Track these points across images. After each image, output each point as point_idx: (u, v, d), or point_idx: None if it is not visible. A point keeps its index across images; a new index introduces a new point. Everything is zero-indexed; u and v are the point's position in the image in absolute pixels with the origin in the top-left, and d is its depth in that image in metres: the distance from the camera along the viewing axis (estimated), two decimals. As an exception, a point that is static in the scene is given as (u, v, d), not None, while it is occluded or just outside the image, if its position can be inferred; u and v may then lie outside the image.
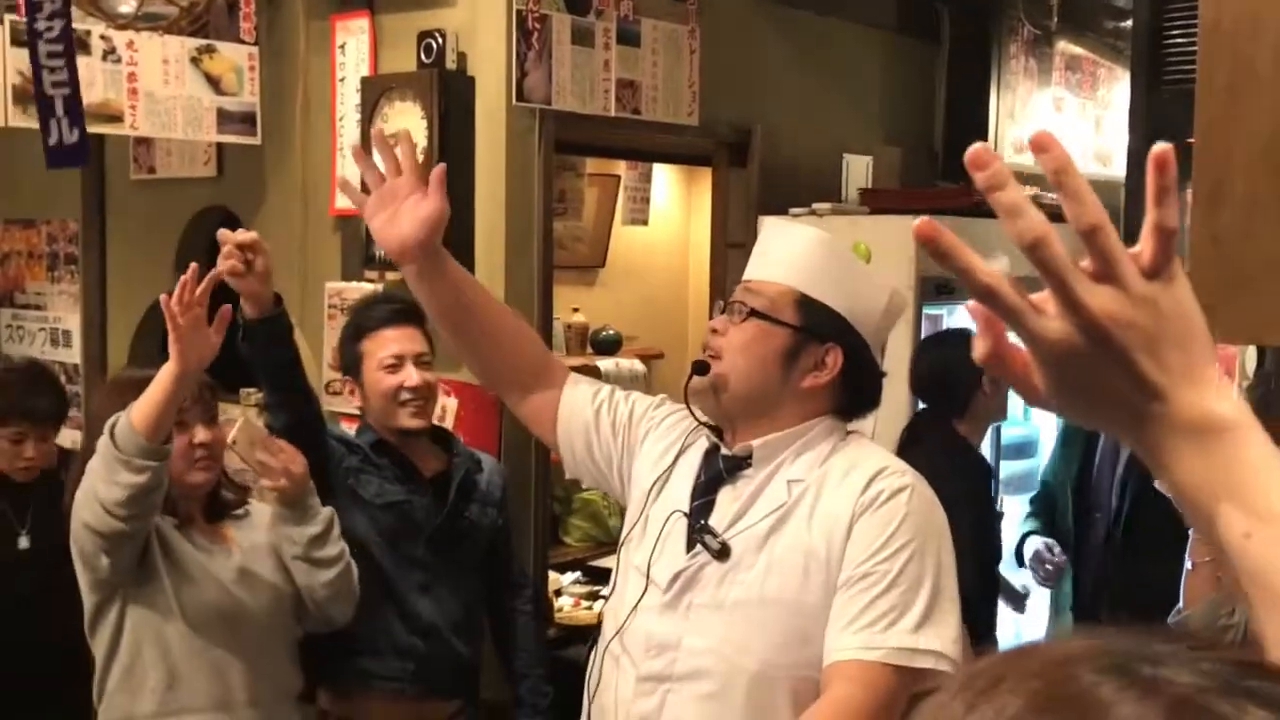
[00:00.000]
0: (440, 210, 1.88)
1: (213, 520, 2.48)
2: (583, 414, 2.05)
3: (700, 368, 1.89)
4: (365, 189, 1.98)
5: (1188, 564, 2.46)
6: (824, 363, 1.86)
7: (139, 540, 2.29)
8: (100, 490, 2.20)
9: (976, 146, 0.73)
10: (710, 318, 1.98)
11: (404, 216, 1.87)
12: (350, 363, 2.82)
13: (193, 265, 2.25)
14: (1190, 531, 2.58)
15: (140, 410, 2.19)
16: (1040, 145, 0.73)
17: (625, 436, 2.04)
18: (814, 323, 1.85)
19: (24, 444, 3.00)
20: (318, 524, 2.45)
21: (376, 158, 1.92)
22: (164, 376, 2.20)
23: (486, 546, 2.90)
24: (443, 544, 2.79)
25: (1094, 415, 0.77)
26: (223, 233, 2.36)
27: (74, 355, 4.63)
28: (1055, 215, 0.78)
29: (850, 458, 1.85)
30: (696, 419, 1.94)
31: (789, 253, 1.91)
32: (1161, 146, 0.74)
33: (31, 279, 4.84)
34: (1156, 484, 0.78)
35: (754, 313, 1.87)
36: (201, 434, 2.38)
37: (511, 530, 3.06)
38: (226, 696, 2.38)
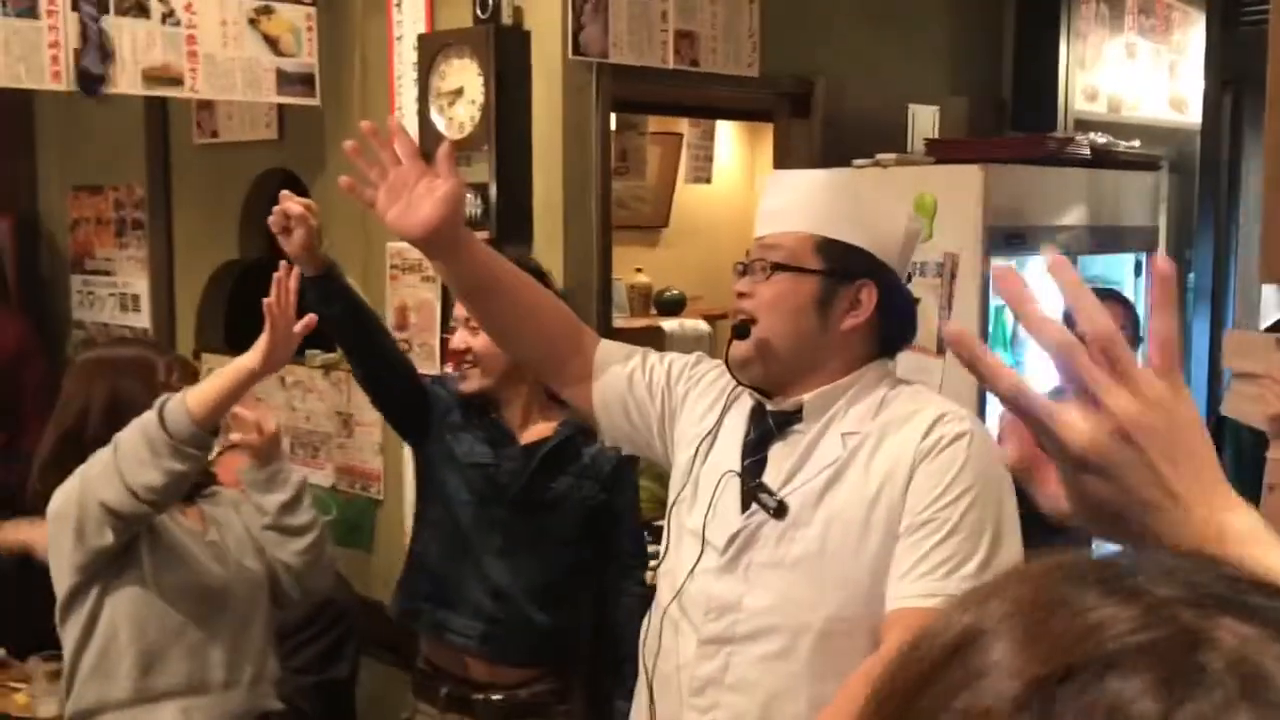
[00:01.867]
0: (458, 188, 1.84)
1: (187, 499, 2.42)
2: (617, 380, 2.01)
3: (741, 330, 1.85)
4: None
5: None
6: (859, 300, 1.82)
7: (150, 521, 2.26)
8: (131, 472, 2.13)
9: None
10: (735, 282, 1.92)
11: (420, 201, 1.83)
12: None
13: (284, 265, 2.25)
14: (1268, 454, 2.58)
15: (201, 398, 2.15)
16: (1052, 270, 0.79)
17: (665, 399, 2.01)
18: (840, 263, 1.82)
19: None
20: (287, 490, 2.41)
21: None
22: (238, 371, 2.17)
23: (583, 520, 2.81)
24: (526, 510, 2.76)
25: (1116, 526, 0.78)
26: (284, 193, 2.41)
27: (143, 320, 4.69)
28: (1128, 163, 0.77)
29: (907, 405, 1.81)
30: (743, 384, 1.90)
31: (798, 199, 1.87)
32: (1165, 262, 0.80)
33: (100, 245, 4.90)
34: None
35: (777, 266, 1.83)
36: None
37: (625, 508, 2.94)
38: (204, 678, 2.33)
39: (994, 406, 3.41)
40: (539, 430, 2.82)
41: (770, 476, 1.83)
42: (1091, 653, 0.47)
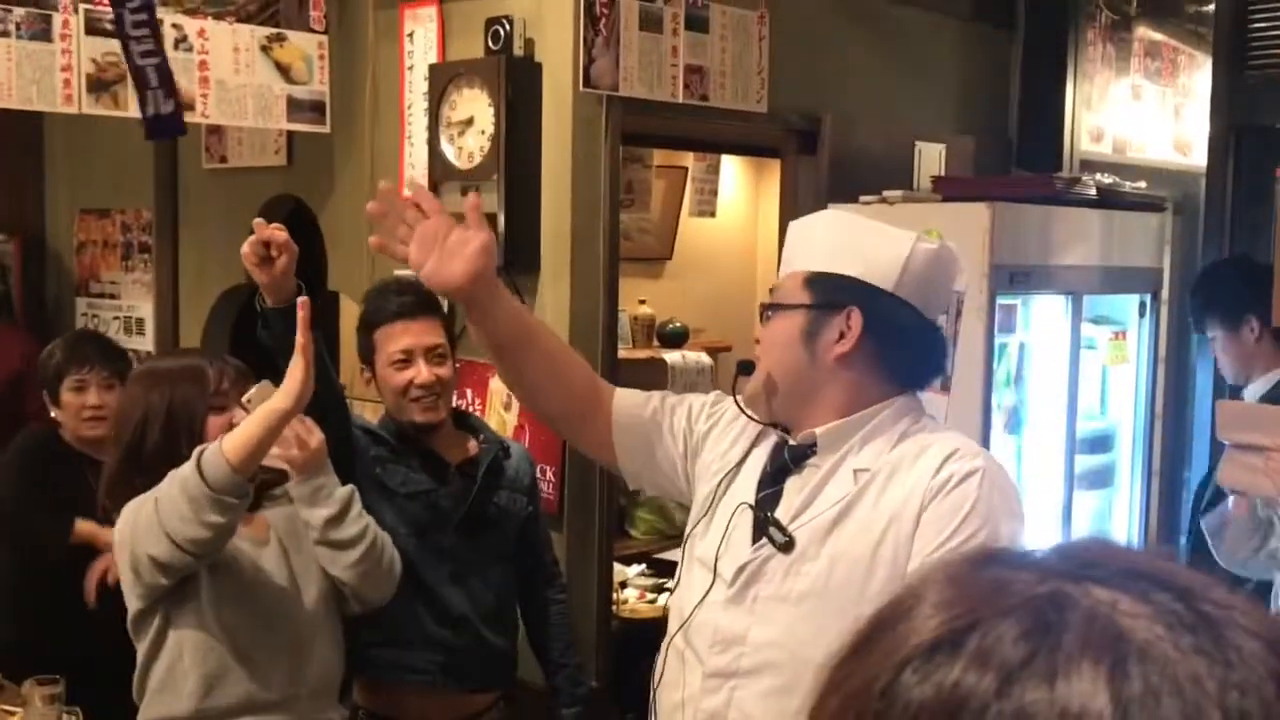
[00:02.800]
0: (490, 240, 1.86)
1: (251, 508, 2.40)
2: (639, 426, 2.03)
3: (745, 367, 1.91)
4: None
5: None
6: (848, 326, 1.82)
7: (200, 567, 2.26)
8: (176, 527, 2.13)
9: None
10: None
11: (452, 254, 1.84)
12: (364, 353, 2.80)
13: (303, 301, 2.23)
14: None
15: (236, 445, 2.13)
16: None
17: (686, 438, 2.02)
18: (825, 294, 1.83)
19: (86, 391, 3.23)
20: (332, 504, 2.38)
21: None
22: (270, 414, 2.15)
23: (516, 534, 2.87)
24: (472, 532, 2.76)
25: None
26: (258, 222, 2.38)
27: (147, 343, 4.69)
28: (1134, 204, 0.77)
29: (922, 441, 1.81)
30: (757, 421, 1.92)
31: (801, 243, 1.92)
32: None
33: (106, 268, 4.91)
34: None
35: (775, 307, 1.89)
36: (240, 417, 2.36)
37: (543, 518, 3.02)
38: (265, 696, 2.34)
39: (999, 447, 3.40)
40: (462, 450, 2.83)
41: (783, 510, 1.83)
42: (991, 606, 0.58)
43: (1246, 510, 2.61)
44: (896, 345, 1.84)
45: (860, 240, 1.86)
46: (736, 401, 1.92)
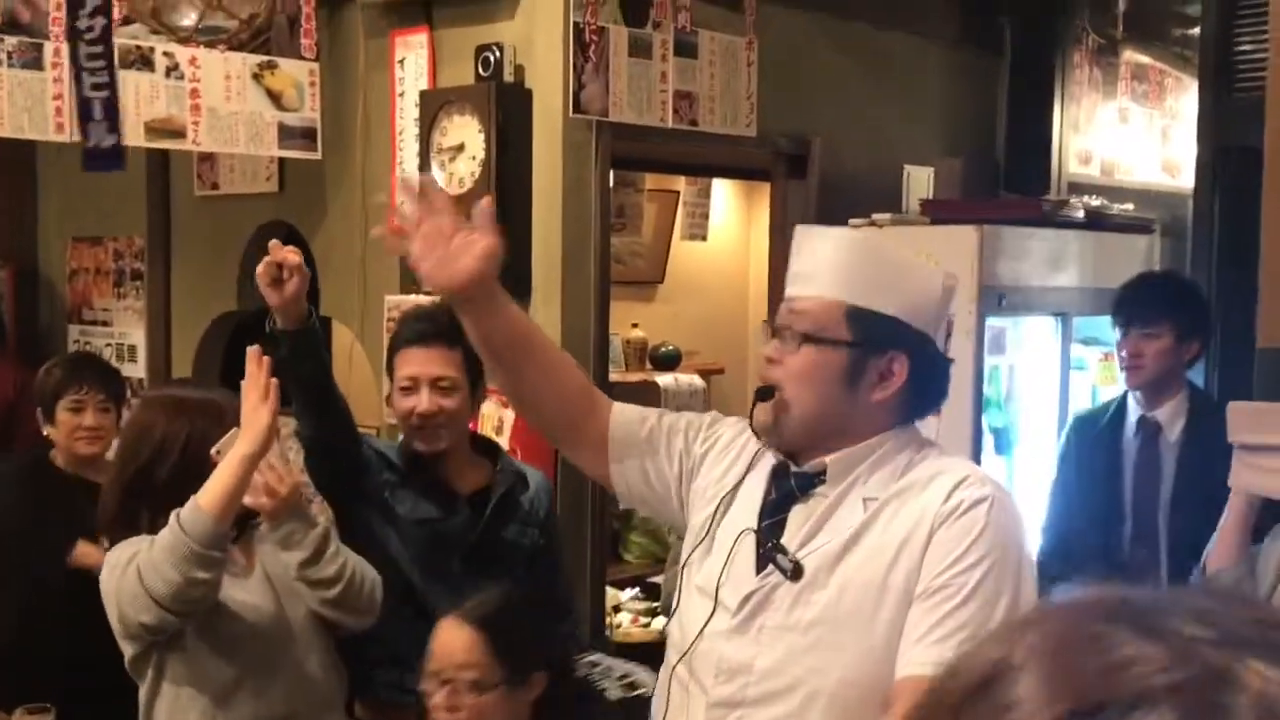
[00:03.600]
0: (496, 243, 1.83)
1: (238, 539, 2.40)
2: (634, 444, 1.99)
3: (764, 393, 1.81)
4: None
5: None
6: (890, 371, 1.77)
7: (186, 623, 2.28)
8: (162, 591, 2.15)
9: None
10: (764, 341, 1.89)
11: (457, 255, 1.81)
12: (390, 375, 2.81)
13: (255, 350, 2.24)
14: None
15: (212, 497, 2.16)
16: None
17: (682, 460, 1.98)
18: (870, 334, 1.76)
19: (83, 412, 3.22)
20: (305, 549, 2.37)
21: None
22: (237, 461, 2.17)
23: (526, 566, 2.83)
24: (477, 564, 2.74)
25: None
26: (274, 243, 2.39)
27: (139, 370, 4.69)
28: (1121, 226, 0.76)
29: (931, 468, 1.78)
30: (766, 448, 1.87)
31: (829, 260, 1.81)
32: None
33: (98, 295, 4.91)
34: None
35: (806, 337, 1.78)
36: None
37: (560, 551, 2.99)
38: (269, 713, 2.36)
39: (990, 468, 3.41)
40: (474, 480, 2.80)
41: (788, 538, 1.79)
42: (1118, 690, 0.47)
43: (1230, 557, 2.57)
44: (929, 387, 1.83)
45: (899, 276, 1.81)
46: (753, 428, 1.85)
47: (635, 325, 5.30)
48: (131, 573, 2.19)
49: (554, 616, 2.94)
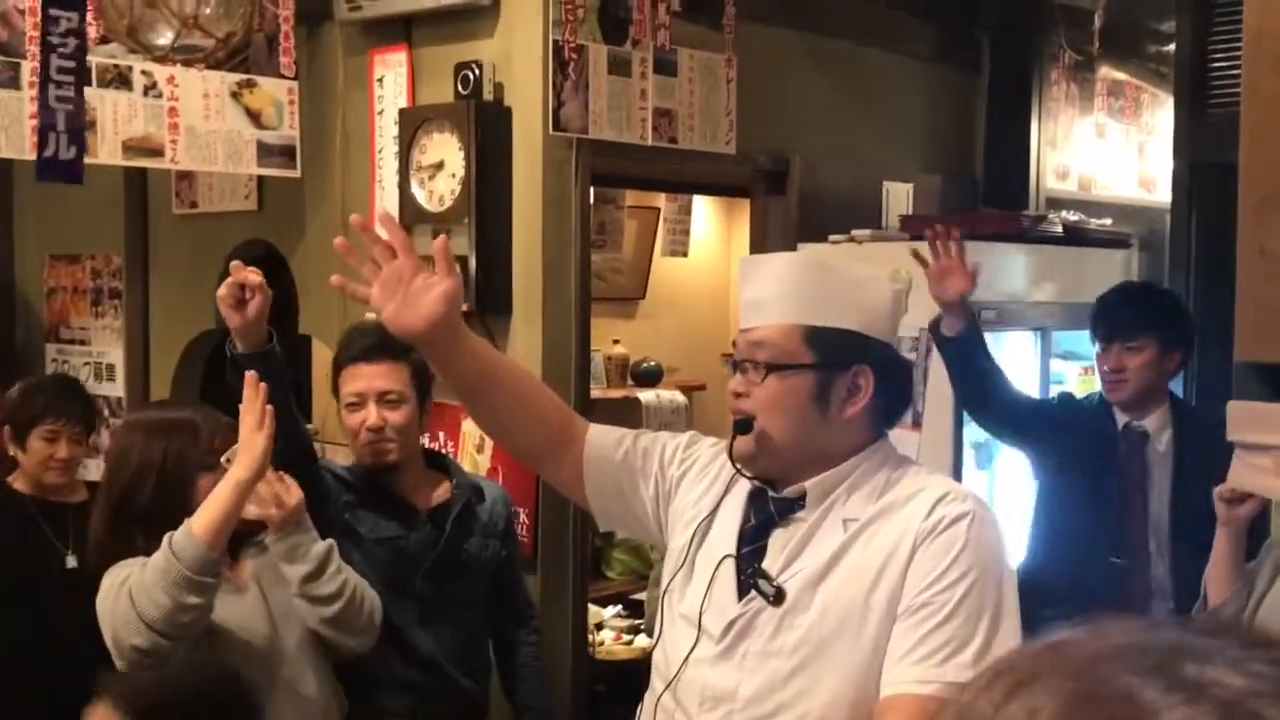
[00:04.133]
0: (456, 285, 1.82)
1: (233, 556, 2.42)
2: (610, 466, 1.99)
3: (742, 426, 1.81)
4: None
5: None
6: (857, 385, 1.79)
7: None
8: (155, 616, 2.14)
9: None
10: (728, 375, 1.88)
11: (418, 298, 1.79)
12: (335, 394, 2.81)
13: (252, 375, 2.24)
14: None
15: (205, 522, 2.16)
16: None
17: (659, 481, 1.98)
18: (831, 352, 1.78)
19: (58, 443, 3.23)
20: (309, 562, 2.39)
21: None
22: (231, 486, 2.18)
23: (488, 579, 2.87)
24: (440, 578, 2.75)
25: None
26: (235, 264, 2.38)
27: (118, 389, 4.66)
28: (1099, 240, 0.75)
29: (911, 485, 1.79)
30: (746, 478, 1.87)
31: (779, 288, 1.82)
32: None
33: (76, 314, 4.88)
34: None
35: (770, 367, 1.79)
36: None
37: (518, 561, 3.03)
38: None
39: (971, 482, 3.42)
40: (431, 495, 2.82)
41: (769, 563, 1.79)
42: None
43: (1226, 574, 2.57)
44: (894, 393, 1.84)
45: (849, 288, 1.82)
46: (734, 464, 1.86)
47: (617, 342, 5.29)
48: (124, 595, 2.18)
49: (519, 625, 2.94)
